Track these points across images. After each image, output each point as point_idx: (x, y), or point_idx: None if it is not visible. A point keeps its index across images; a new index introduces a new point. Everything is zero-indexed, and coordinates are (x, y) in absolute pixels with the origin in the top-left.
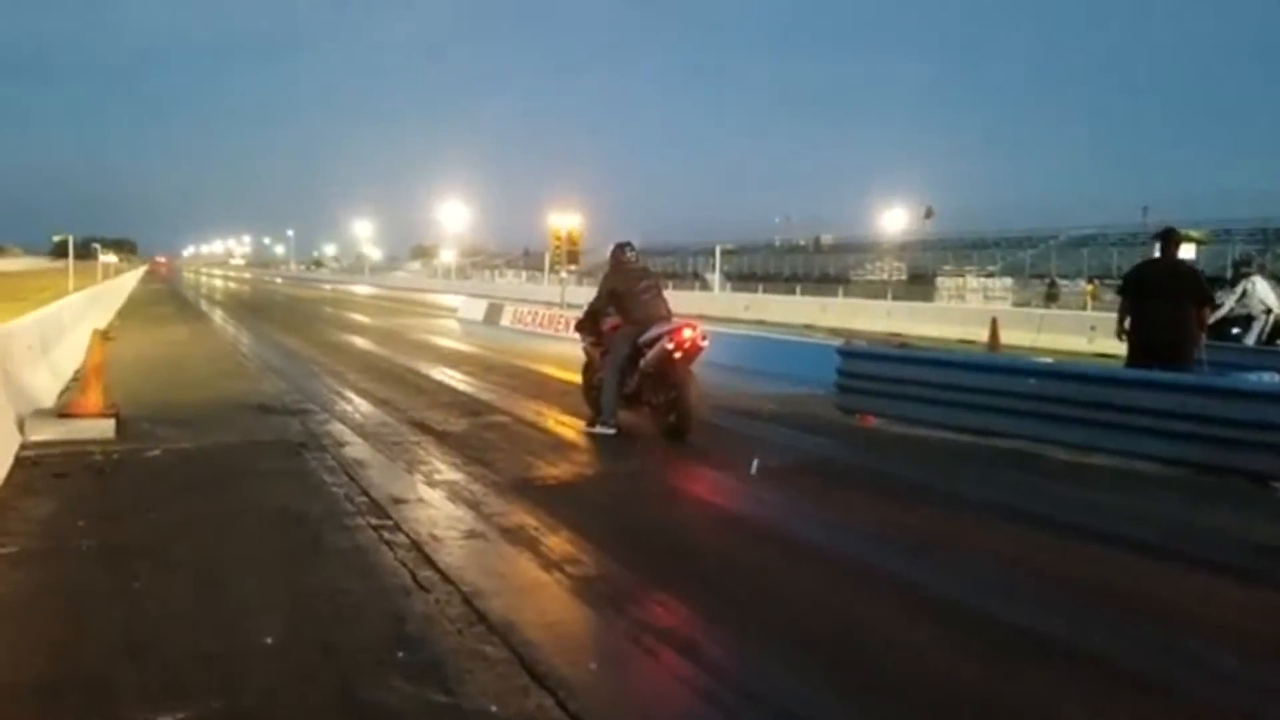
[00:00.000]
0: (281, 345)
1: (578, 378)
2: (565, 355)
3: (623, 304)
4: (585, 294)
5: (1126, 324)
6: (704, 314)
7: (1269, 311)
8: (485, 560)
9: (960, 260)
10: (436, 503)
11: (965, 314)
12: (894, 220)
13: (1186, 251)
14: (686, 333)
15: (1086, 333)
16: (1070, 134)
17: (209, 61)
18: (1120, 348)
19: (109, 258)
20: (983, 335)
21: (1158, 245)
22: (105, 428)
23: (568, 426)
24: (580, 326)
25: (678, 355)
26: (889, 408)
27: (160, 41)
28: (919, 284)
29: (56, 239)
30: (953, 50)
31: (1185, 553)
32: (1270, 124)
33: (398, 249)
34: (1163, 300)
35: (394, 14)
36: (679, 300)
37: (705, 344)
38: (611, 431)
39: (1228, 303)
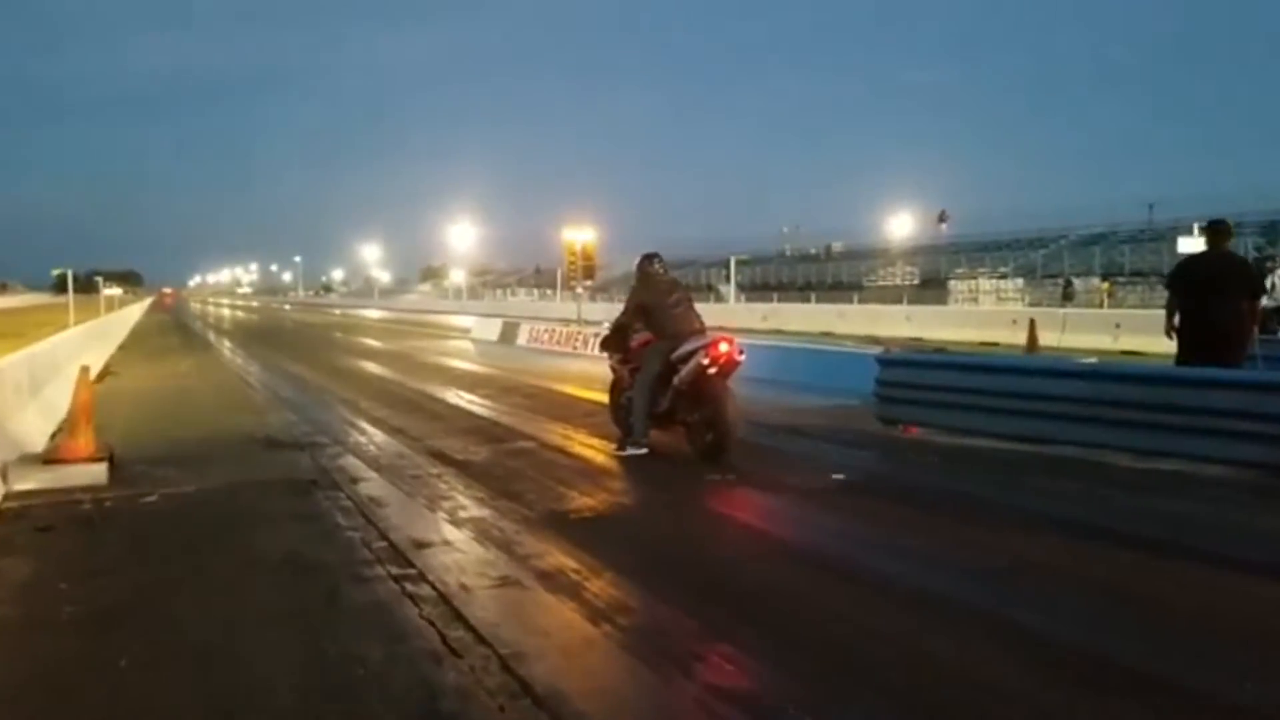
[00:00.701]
0: (290, 374)
1: (602, 397)
2: (587, 373)
3: (653, 318)
4: (600, 309)
5: (1176, 320)
6: (721, 326)
7: None
8: (523, 613)
9: (972, 263)
10: (463, 545)
11: (986, 316)
12: (902, 225)
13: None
14: (723, 346)
15: (1111, 331)
16: (1074, 134)
17: (213, 94)
18: (1157, 345)
19: (112, 290)
20: (1006, 337)
21: (1203, 238)
22: (96, 473)
23: (597, 450)
24: (606, 344)
25: (713, 371)
26: (934, 417)
27: (165, 76)
28: (931, 288)
29: (55, 273)
30: (954, 56)
31: None
32: (1274, 122)
33: (406, 271)
34: (1214, 294)
35: (398, 39)
36: None
37: (742, 358)
38: (643, 451)
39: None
